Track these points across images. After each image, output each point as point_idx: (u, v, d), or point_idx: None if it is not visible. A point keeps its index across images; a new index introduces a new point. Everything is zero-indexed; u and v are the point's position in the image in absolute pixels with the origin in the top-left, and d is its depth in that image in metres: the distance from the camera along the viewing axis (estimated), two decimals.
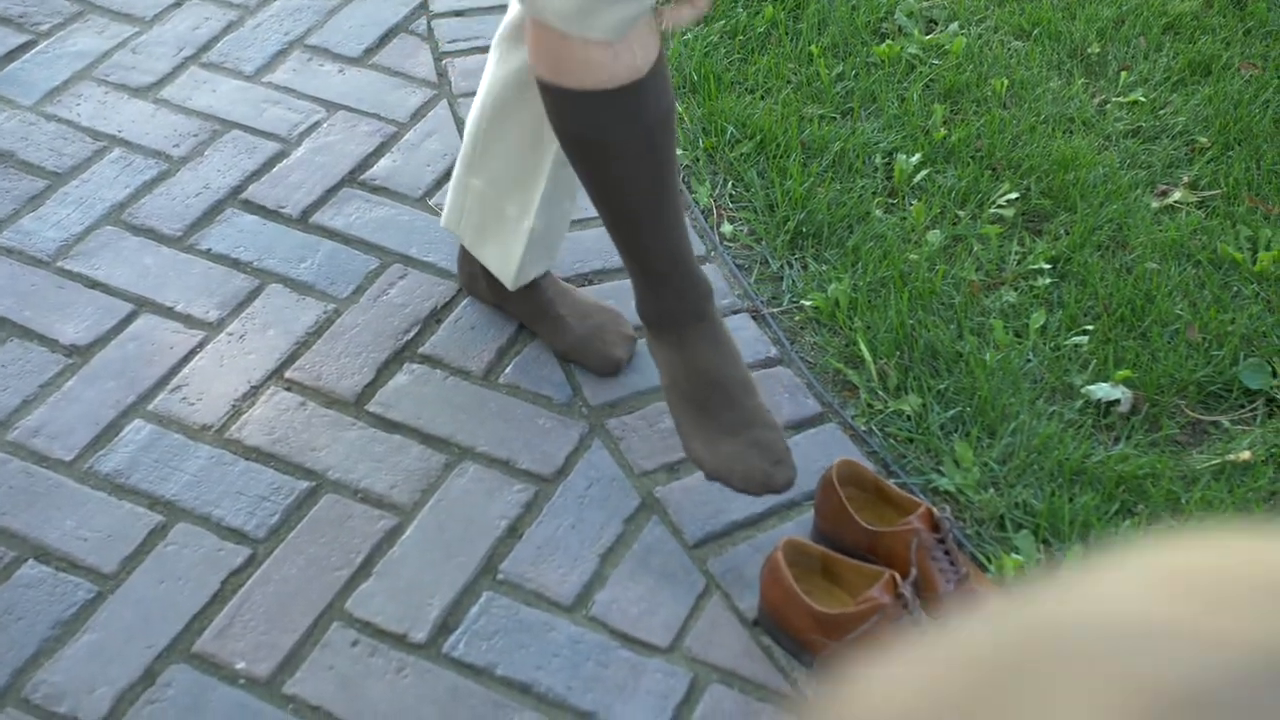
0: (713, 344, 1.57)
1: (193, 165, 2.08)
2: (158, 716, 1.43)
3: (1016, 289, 1.99)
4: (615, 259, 1.99)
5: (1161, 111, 2.34)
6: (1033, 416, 1.79)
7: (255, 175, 2.07)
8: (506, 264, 1.75)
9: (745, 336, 1.89)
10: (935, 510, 1.55)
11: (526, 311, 1.82)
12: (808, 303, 1.94)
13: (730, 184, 2.14)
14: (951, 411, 1.80)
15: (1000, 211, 2.10)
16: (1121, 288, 1.98)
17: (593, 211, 2.06)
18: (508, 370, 1.81)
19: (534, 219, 1.70)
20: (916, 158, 2.16)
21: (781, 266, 2.01)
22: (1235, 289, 2.01)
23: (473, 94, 2.23)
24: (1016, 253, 2.05)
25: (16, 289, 1.87)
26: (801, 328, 1.92)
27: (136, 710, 1.43)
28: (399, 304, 1.88)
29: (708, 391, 1.56)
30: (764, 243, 2.04)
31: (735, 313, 1.92)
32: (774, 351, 1.87)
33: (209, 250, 1.95)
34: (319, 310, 1.87)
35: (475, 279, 1.86)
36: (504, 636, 1.52)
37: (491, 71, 1.66)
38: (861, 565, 1.53)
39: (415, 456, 1.70)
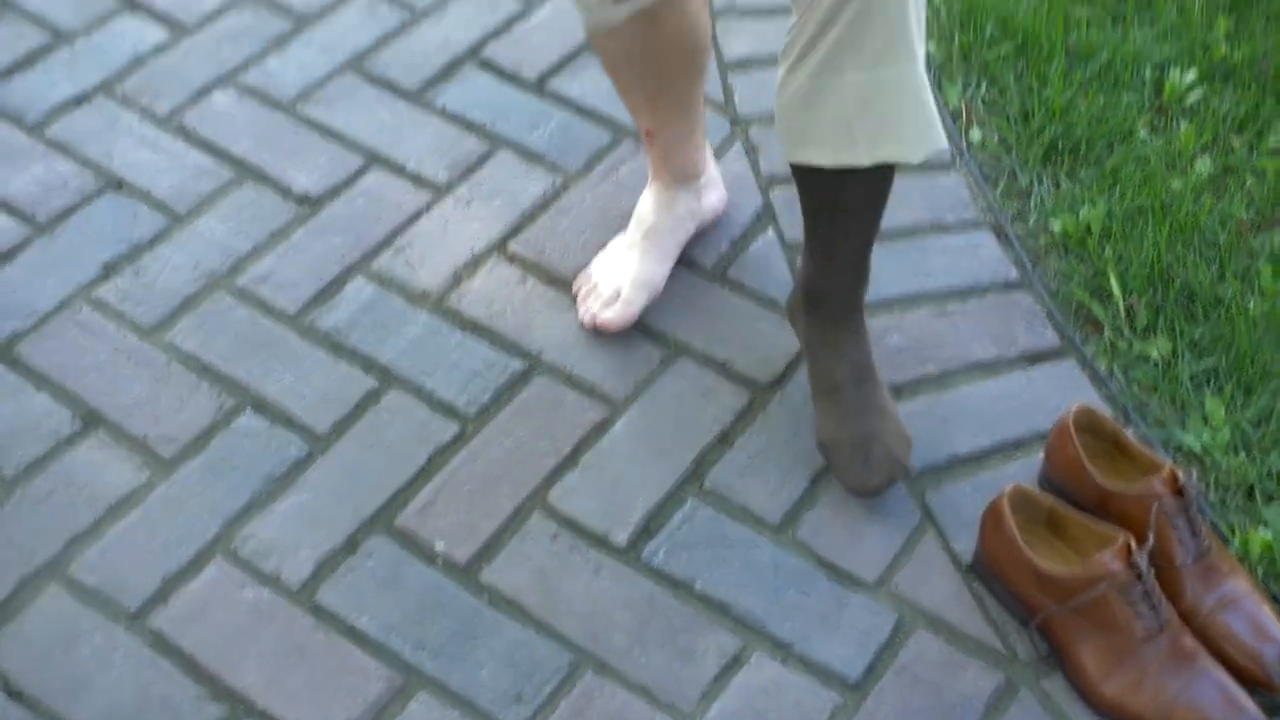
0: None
1: (435, 17, 1.93)
2: (356, 587, 1.35)
3: None
4: None
5: None
6: None
7: (495, 33, 1.91)
8: (920, 134, 1.26)
9: (984, 255, 1.67)
10: (1180, 473, 1.34)
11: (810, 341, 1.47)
12: (1056, 224, 1.71)
13: (984, 86, 1.89)
14: (1205, 362, 1.56)
15: None
16: None
17: None
18: (732, 266, 1.64)
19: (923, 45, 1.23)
20: (1192, 74, 1.87)
21: (1031, 181, 1.77)
22: None
23: None
24: None
25: (255, 131, 1.78)
26: (1046, 251, 1.70)
27: (337, 577, 1.35)
28: (627, 185, 1.72)
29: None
30: (1014, 153, 1.81)
31: (975, 228, 1.71)
32: (1014, 274, 1.66)
33: (444, 108, 1.81)
34: (547, 182, 1.72)
35: (794, 312, 1.50)
36: (706, 549, 1.39)
37: None
38: (1093, 524, 1.34)
39: (631, 347, 1.56)
